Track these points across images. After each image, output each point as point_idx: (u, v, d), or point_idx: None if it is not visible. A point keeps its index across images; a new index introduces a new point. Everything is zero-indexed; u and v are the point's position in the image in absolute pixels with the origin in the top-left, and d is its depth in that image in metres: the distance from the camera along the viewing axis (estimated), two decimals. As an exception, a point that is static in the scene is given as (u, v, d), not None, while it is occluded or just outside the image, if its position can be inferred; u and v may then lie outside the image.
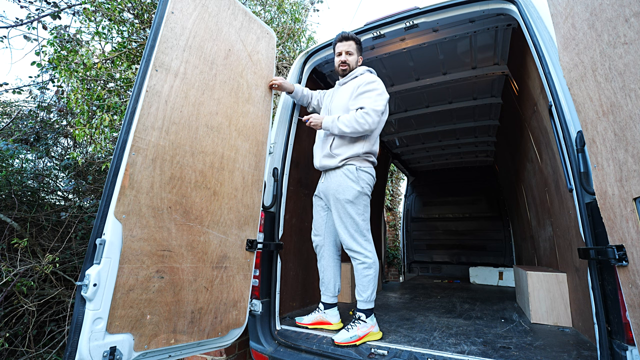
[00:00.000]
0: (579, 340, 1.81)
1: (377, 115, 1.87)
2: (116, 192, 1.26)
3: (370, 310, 1.90)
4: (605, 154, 1.06)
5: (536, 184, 2.81)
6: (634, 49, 0.92)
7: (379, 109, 1.88)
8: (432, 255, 5.77)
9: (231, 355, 2.34)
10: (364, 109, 1.85)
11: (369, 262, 1.89)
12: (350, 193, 1.90)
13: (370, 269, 1.89)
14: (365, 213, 1.94)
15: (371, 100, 1.88)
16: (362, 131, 1.86)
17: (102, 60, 3.53)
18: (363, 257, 1.90)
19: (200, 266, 1.55)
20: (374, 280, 1.89)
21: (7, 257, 2.82)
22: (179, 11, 1.55)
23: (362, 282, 1.90)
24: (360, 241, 1.91)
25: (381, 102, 1.90)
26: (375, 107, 1.86)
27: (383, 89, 1.97)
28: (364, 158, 1.97)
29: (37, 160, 3.95)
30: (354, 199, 1.89)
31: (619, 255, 1.03)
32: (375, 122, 1.86)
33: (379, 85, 1.95)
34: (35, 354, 2.70)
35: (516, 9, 1.80)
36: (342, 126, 1.87)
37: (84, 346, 1.14)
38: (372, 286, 1.89)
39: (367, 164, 1.98)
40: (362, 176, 1.93)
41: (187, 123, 1.55)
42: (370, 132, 1.90)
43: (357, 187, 1.90)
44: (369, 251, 1.91)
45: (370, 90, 1.92)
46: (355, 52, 2.11)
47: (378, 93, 1.92)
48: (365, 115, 1.84)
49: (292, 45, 5.26)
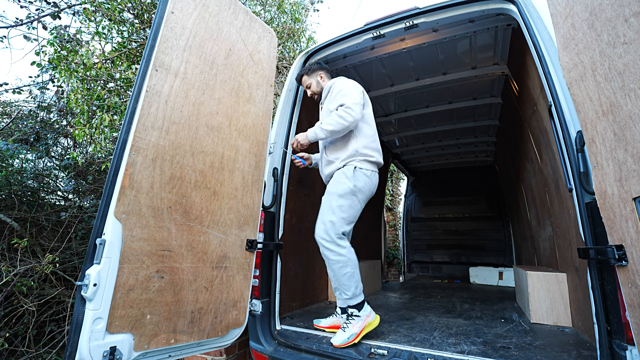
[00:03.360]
0: (578, 340, 1.81)
1: (357, 106, 1.89)
2: (116, 192, 1.26)
3: (361, 303, 1.83)
4: (604, 153, 1.06)
5: (536, 184, 2.81)
6: (634, 48, 0.92)
7: (357, 101, 1.91)
8: (432, 255, 5.78)
9: (231, 355, 2.35)
10: (343, 105, 1.90)
11: (344, 259, 1.82)
12: (341, 187, 1.89)
13: (347, 266, 1.82)
14: (348, 212, 1.88)
15: (347, 97, 1.92)
16: (348, 124, 1.86)
17: (102, 60, 3.53)
18: (333, 254, 1.83)
19: (200, 266, 1.55)
20: (353, 276, 1.82)
21: (7, 257, 2.82)
22: (179, 11, 1.55)
23: (342, 281, 1.82)
24: (334, 237, 1.83)
25: (356, 94, 1.94)
26: (352, 100, 1.90)
27: (353, 84, 2.01)
28: (364, 159, 1.94)
29: (37, 160, 3.95)
30: (342, 193, 1.87)
31: (619, 255, 1.03)
32: (358, 113, 1.87)
33: (348, 83, 2.01)
34: (35, 354, 2.70)
35: (516, 9, 1.80)
36: (327, 126, 1.89)
37: (84, 346, 1.14)
38: (353, 282, 1.82)
39: (367, 165, 1.95)
40: (359, 176, 1.90)
41: (187, 123, 1.55)
42: (355, 123, 1.89)
43: (350, 184, 1.87)
44: (342, 247, 1.83)
45: (341, 89, 1.97)
46: (311, 81, 2.24)
47: (350, 89, 1.96)
48: (346, 109, 1.87)
49: (292, 45, 5.26)
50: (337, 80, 2.10)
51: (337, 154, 1.99)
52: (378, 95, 3.50)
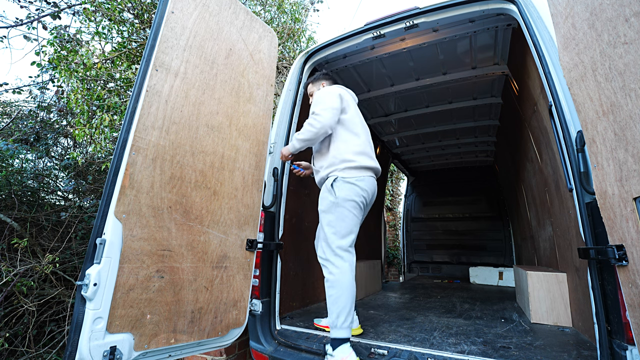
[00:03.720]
0: (579, 340, 1.81)
1: (326, 111, 1.81)
2: (116, 191, 1.26)
3: (339, 340, 1.57)
4: (605, 153, 1.06)
5: (536, 184, 2.81)
6: (634, 48, 0.92)
7: (327, 106, 1.83)
8: (432, 255, 5.78)
9: (231, 355, 2.34)
10: (313, 112, 1.85)
11: (332, 279, 1.65)
12: (324, 203, 1.79)
13: (333, 288, 1.63)
14: (338, 225, 1.72)
15: (318, 104, 1.86)
16: (316, 130, 1.80)
17: (102, 60, 3.53)
18: (327, 272, 1.70)
19: (200, 266, 1.55)
20: (336, 302, 1.60)
21: (7, 257, 2.82)
22: (179, 11, 1.55)
23: (327, 302, 1.65)
24: (327, 254, 1.73)
25: (328, 100, 1.86)
26: (322, 106, 1.83)
27: (330, 90, 1.93)
28: (345, 166, 1.79)
29: (37, 160, 3.95)
30: (326, 209, 1.77)
31: (619, 255, 1.03)
32: (327, 118, 1.80)
33: (325, 90, 1.94)
34: (35, 354, 2.70)
35: (516, 9, 1.80)
36: (299, 135, 1.85)
37: (84, 346, 1.14)
38: (335, 308, 1.59)
39: (350, 173, 1.78)
40: (340, 187, 1.75)
41: (188, 123, 1.55)
42: (324, 129, 1.80)
43: (331, 198, 1.75)
44: (334, 266, 1.67)
45: (317, 97, 1.92)
46: (314, 90, 2.21)
47: (324, 96, 1.89)
48: (315, 116, 1.81)
49: (292, 45, 5.26)
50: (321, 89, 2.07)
51: (320, 162, 1.92)
52: (378, 95, 3.50)
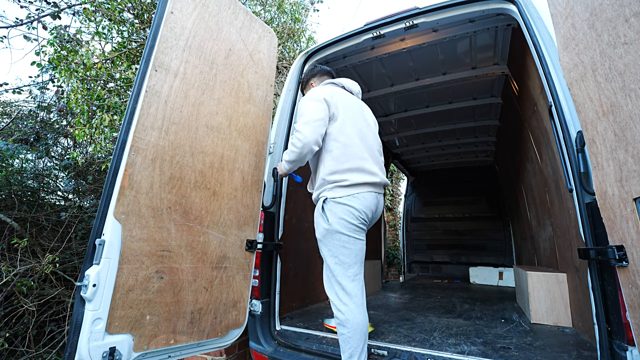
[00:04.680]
0: (579, 341, 1.81)
1: (307, 125, 1.56)
2: (116, 192, 1.26)
3: None
4: (605, 154, 1.06)
5: (536, 184, 2.80)
6: (634, 49, 0.92)
7: (308, 119, 1.58)
8: (432, 255, 5.77)
9: (231, 356, 2.34)
10: (295, 128, 1.61)
11: (341, 317, 1.47)
12: (319, 231, 1.59)
13: (343, 327, 1.47)
14: (340, 254, 1.52)
15: (300, 118, 1.63)
16: (299, 150, 1.57)
17: (102, 60, 3.53)
18: (335, 309, 1.50)
19: (199, 266, 1.55)
20: (348, 341, 1.45)
21: (7, 257, 2.82)
22: (179, 11, 1.55)
23: (339, 339, 1.51)
24: (335, 288, 1.52)
25: (310, 111, 1.60)
26: (303, 120, 1.59)
27: (313, 96, 1.66)
28: (334, 185, 1.56)
29: (37, 160, 3.95)
30: (322, 237, 1.58)
31: (619, 255, 1.03)
32: (309, 133, 1.55)
33: (308, 97, 1.68)
34: (35, 354, 2.70)
35: (516, 9, 1.80)
36: (285, 156, 1.67)
37: (84, 346, 1.14)
38: (347, 348, 1.45)
39: (341, 192, 1.55)
40: (332, 209, 1.54)
41: (187, 123, 1.55)
42: (307, 147, 1.56)
43: (324, 224, 1.55)
44: (342, 303, 1.48)
45: (300, 107, 1.68)
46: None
47: (305, 106, 1.64)
48: (295, 134, 1.58)
49: (292, 45, 5.26)
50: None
51: (312, 183, 1.74)
52: (378, 95, 3.50)
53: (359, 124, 1.71)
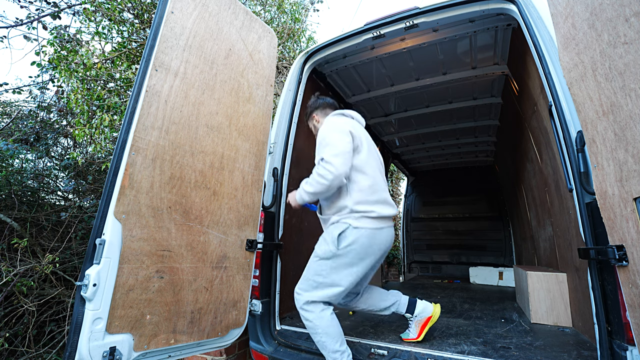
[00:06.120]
0: (579, 340, 1.81)
1: (339, 157, 1.53)
2: (116, 192, 1.26)
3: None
4: (605, 153, 1.06)
5: (536, 184, 2.81)
6: (634, 48, 0.92)
7: (338, 151, 1.54)
8: (432, 255, 5.77)
9: (231, 355, 2.34)
10: (323, 159, 1.55)
11: (309, 325, 1.57)
12: (321, 249, 1.60)
13: (316, 334, 1.57)
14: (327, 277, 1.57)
15: (327, 148, 1.57)
16: (329, 183, 1.52)
17: (102, 60, 3.54)
18: (303, 317, 1.60)
19: (200, 266, 1.55)
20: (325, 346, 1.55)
21: (7, 257, 2.82)
22: (179, 11, 1.55)
23: (319, 347, 1.61)
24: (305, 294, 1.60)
25: (338, 142, 1.57)
26: (332, 151, 1.54)
27: (337, 127, 1.64)
28: (364, 214, 1.57)
29: (37, 160, 3.95)
30: (322, 255, 1.59)
31: (619, 255, 1.03)
32: (340, 166, 1.51)
33: (331, 128, 1.65)
34: (35, 354, 2.70)
35: (516, 9, 1.80)
36: (309, 187, 1.59)
37: (84, 346, 1.14)
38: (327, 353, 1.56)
39: (367, 223, 1.56)
40: (352, 237, 1.54)
41: (187, 123, 1.55)
42: (338, 179, 1.52)
43: (332, 247, 1.56)
44: (308, 312, 1.58)
45: (323, 137, 1.62)
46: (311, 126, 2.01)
47: (331, 136, 1.60)
48: (325, 165, 1.52)
49: (292, 45, 5.27)
50: (328, 119, 1.78)
51: (330, 211, 1.68)
52: (378, 95, 3.50)
53: (375, 157, 1.75)
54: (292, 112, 2.42)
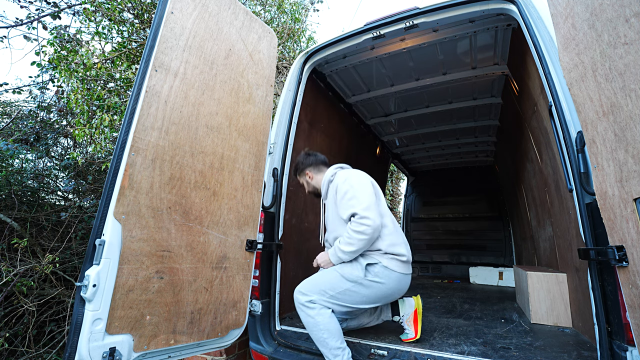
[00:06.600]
0: (579, 341, 1.81)
1: (372, 210, 1.61)
2: (116, 192, 1.26)
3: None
4: (605, 154, 1.06)
5: (536, 184, 2.80)
6: (634, 49, 0.92)
7: (370, 203, 1.63)
8: (432, 255, 5.77)
9: (231, 356, 2.34)
10: (356, 215, 1.61)
11: (310, 321, 1.65)
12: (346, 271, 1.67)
13: (318, 332, 1.62)
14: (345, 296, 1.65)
15: (357, 201, 1.63)
16: (369, 237, 1.58)
17: (102, 60, 3.54)
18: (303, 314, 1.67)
19: (199, 267, 1.55)
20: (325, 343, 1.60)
21: (7, 257, 2.82)
22: (179, 11, 1.55)
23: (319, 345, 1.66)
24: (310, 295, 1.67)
25: (365, 194, 1.66)
26: (364, 204, 1.62)
27: (358, 179, 1.73)
28: (395, 257, 1.68)
29: (37, 160, 3.95)
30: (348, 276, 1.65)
31: (619, 255, 1.03)
32: (375, 216, 1.59)
33: (353, 181, 1.72)
34: (35, 354, 2.70)
35: (516, 9, 1.80)
36: (348, 247, 1.62)
37: (84, 347, 1.14)
38: (327, 351, 1.61)
39: (397, 266, 1.68)
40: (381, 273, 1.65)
41: (187, 123, 1.55)
42: (377, 230, 1.61)
43: (360, 273, 1.64)
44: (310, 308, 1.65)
45: (347, 190, 1.69)
46: (302, 182, 2.06)
47: (356, 189, 1.68)
48: (361, 220, 1.58)
49: (292, 45, 5.27)
50: (338, 177, 1.81)
51: None
52: (378, 95, 3.50)
53: (384, 200, 1.85)
54: (292, 112, 2.42)
